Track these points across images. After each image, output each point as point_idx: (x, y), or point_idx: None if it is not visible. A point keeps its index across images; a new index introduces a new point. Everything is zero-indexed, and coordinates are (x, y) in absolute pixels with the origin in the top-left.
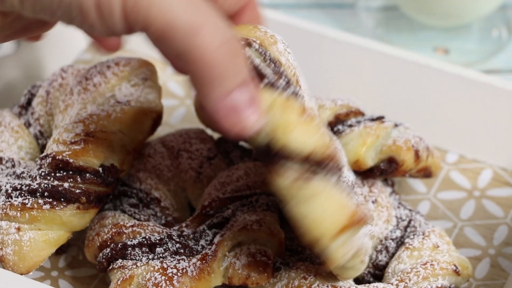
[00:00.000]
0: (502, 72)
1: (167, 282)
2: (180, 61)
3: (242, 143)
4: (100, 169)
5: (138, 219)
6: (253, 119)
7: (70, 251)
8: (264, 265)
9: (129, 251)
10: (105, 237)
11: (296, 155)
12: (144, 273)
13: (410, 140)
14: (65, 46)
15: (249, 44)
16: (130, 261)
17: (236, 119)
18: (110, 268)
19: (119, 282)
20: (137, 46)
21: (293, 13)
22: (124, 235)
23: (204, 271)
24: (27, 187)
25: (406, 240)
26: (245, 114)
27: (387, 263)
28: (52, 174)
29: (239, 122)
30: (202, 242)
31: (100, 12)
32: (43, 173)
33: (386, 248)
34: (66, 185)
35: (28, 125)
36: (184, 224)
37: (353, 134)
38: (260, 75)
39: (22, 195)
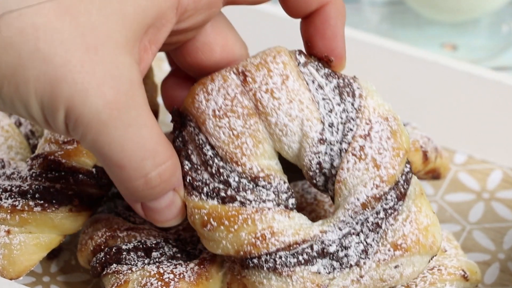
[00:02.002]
0: (511, 69)
1: (164, 287)
2: None
3: None
4: (94, 170)
5: (133, 222)
6: (169, 218)
7: (63, 255)
8: None
9: (124, 256)
10: (99, 241)
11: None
12: (140, 278)
13: (419, 141)
14: None
15: (183, 126)
16: (125, 266)
17: (153, 217)
18: (104, 273)
19: None
20: None
21: None
22: (119, 239)
23: (202, 276)
24: (18, 188)
25: None
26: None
27: None
28: (44, 175)
29: (154, 219)
30: (200, 246)
31: (47, 124)
32: (34, 174)
33: None
34: (58, 186)
35: (18, 124)
36: (181, 227)
37: None
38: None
39: (12, 196)
